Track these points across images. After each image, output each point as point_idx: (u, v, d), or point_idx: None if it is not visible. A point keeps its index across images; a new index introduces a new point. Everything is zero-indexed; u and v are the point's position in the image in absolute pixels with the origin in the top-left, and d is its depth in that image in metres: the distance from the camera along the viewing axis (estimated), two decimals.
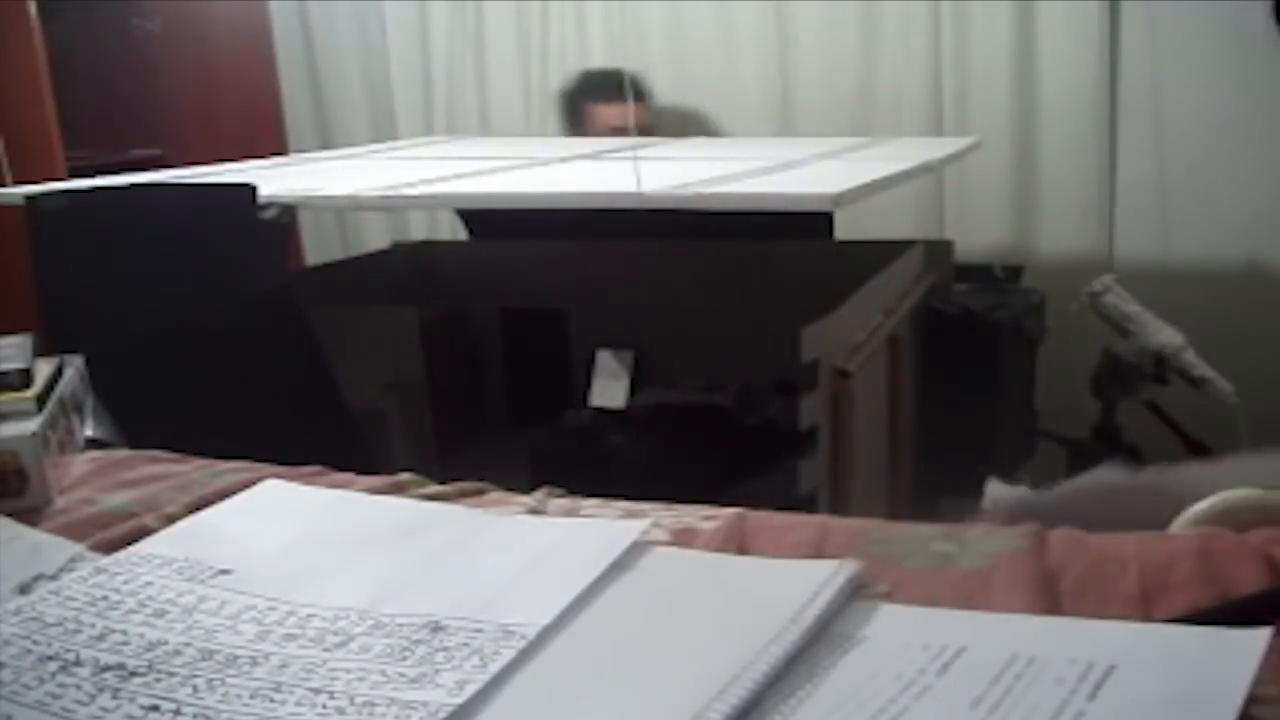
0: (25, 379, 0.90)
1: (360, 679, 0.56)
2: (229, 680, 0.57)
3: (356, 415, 1.56)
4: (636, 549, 0.68)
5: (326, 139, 3.33)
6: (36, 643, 0.61)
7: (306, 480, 0.85)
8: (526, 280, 2.13)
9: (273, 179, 1.77)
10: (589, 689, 0.55)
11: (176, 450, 0.94)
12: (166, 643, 0.61)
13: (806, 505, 1.36)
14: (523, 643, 0.58)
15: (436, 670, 0.56)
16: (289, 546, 0.73)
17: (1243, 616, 0.54)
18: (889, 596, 0.62)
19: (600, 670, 0.57)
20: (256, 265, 1.52)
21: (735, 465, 1.63)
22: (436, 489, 0.84)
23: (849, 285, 1.55)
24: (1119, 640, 0.54)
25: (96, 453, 0.95)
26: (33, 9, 2.91)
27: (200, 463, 0.91)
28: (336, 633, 0.61)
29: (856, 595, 0.61)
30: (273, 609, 0.64)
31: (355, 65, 3.32)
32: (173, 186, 1.72)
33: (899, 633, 0.57)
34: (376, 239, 3.10)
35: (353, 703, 0.54)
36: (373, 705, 0.54)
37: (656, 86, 2.91)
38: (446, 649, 0.58)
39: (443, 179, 1.76)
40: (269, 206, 1.51)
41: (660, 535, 0.72)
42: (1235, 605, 0.57)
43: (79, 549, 0.74)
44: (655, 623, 0.61)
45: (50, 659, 0.59)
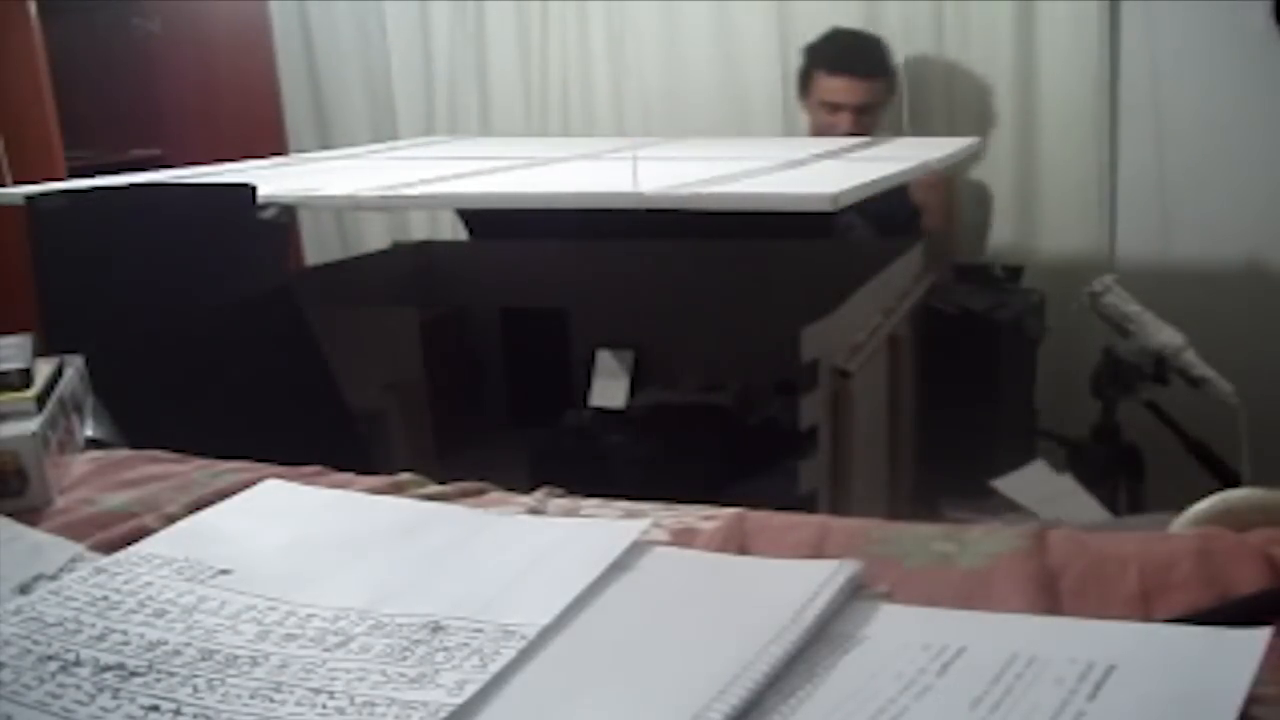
0: (25, 379, 0.90)
1: (360, 679, 0.56)
2: (229, 680, 0.57)
3: (356, 415, 1.56)
4: (636, 549, 0.68)
5: (326, 139, 3.34)
6: (36, 643, 0.61)
7: (306, 480, 0.85)
8: (526, 280, 2.13)
9: (272, 179, 1.77)
10: (589, 689, 0.55)
11: (176, 450, 0.94)
12: (166, 643, 0.61)
13: (806, 505, 1.36)
14: (523, 643, 0.58)
15: (436, 670, 0.56)
16: (289, 546, 0.73)
17: (1243, 616, 0.54)
18: (889, 596, 0.62)
19: (600, 670, 0.57)
20: (256, 265, 1.52)
21: (735, 465, 1.63)
22: (436, 489, 0.84)
23: (849, 285, 1.55)
24: (1119, 640, 0.54)
25: (96, 453, 0.95)
26: (33, 9, 2.91)
27: (200, 463, 0.91)
28: (336, 633, 0.61)
29: (856, 595, 0.61)
30: (273, 609, 0.64)
31: (355, 65, 3.32)
32: (173, 186, 1.72)
33: (899, 633, 0.57)
34: (376, 239, 3.10)
35: (353, 703, 0.54)
36: (373, 705, 0.54)
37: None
38: (446, 649, 0.58)
39: (443, 179, 1.76)
40: (269, 206, 1.51)
41: (660, 535, 0.72)
42: (1235, 605, 0.57)
43: (79, 549, 0.74)
44: (655, 623, 0.61)
45: (50, 659, 0.59)
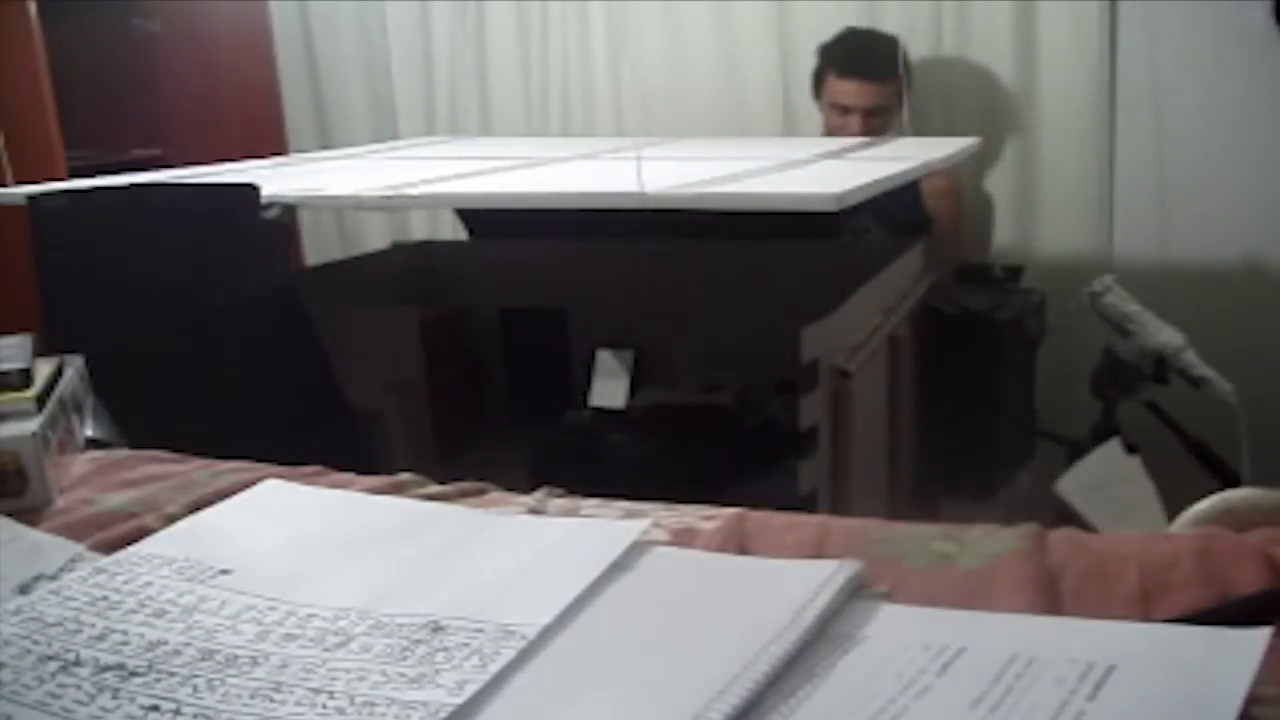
0: (25, 379, 0.90)
1: (360, 679, 0.56)
2: (229, 680, 0.57)
3: (357, 415, 1.56)
4: (636, 549, 0.68)
5: (327, 139, 3.33)
6: (36, 643, 0.61)
7: (306, 480, 0.85)
8: (526, 280, 2.13)
9: (273, 179, 1.77)
10: (589, 689, 0.55)
11: (176, 450, 0.94)
12: (166, 643, 0.61)
13: (806, 505, 1.36)
14: (523, 643, 0.58)
15: (436, 670, 0.56)
16: (289, 546, 0.73)
17: (1243, 616, 0.54)
18: (889, 596, 0.62)
19: (600, 670, 0.57)
20: (258, 265, 1.52)
21: (735, 465, 1.63)
22: (436, 489, 0.84)
23: (849, 285, 1.55)
24: (1119, 640, 0.54)
25: (96, 453, 0.95)
26: (33, 9, 2.91)
27: (200, 463, 0.91)
28: (336, 633, 0.61)
29: (856, 595, 0.61)
30: (273, 609, 0.64)
31: (356, 65, 3.32)
32: (174, 186, 1.72)
33: (899, 633, 0.57)
34: (376, 239, 3.10)
35: (353, 703, 0.54)
36: (373, 705, 0.54)
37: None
38: (446, 649, 0.58)
39: (443, 179, 1.76)
40: (271, 206, 1.51)
41: (660, 535, 0.72)
42: (1235, 605, 0.57)
43: (79, 549, 0.74)
44: (655, 623, 0.61)
45: (50, 659, 0.59)
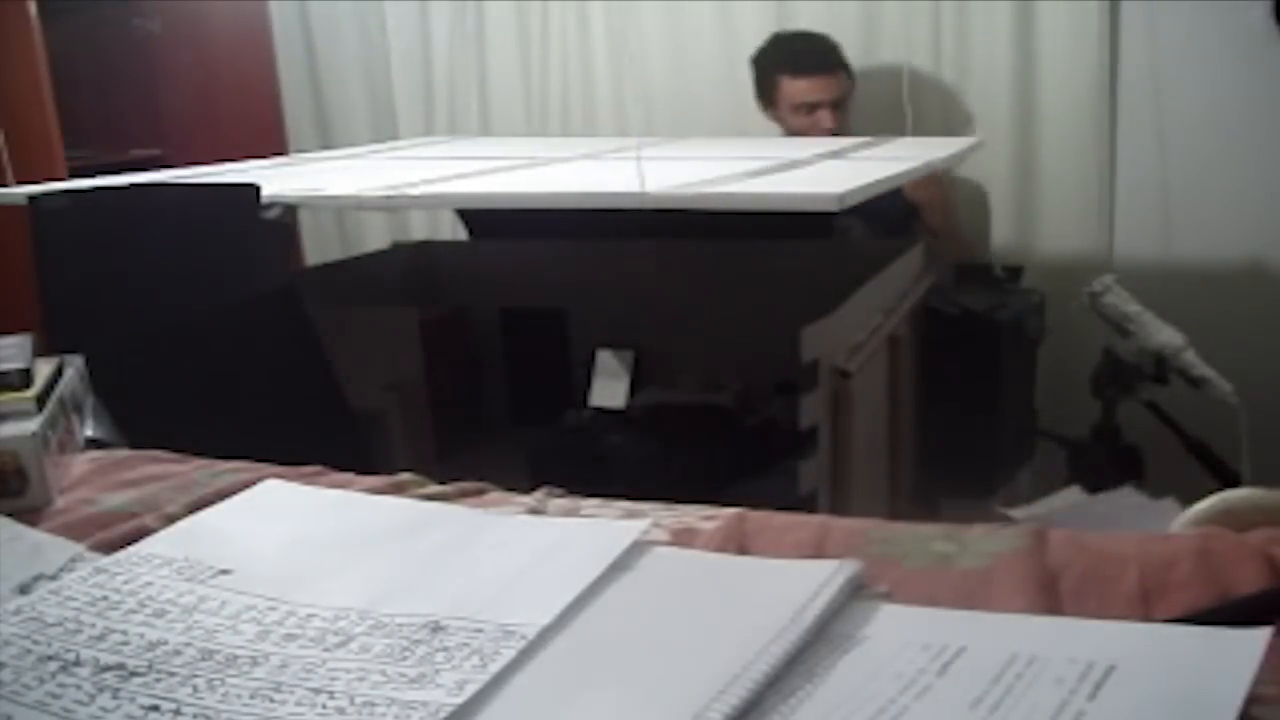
0: (25, 379, 0.90)
1: (360, 679, 0.56)
2: (229, 680, 0.57)
3: (356, 415, 1.56)
4: (636, 549, 0.68)
5: (327, 139, 3.33)
6: (36, 643, 0.61)
7: (306, 480, 0.85)
8: (526, 280, 2.13)
9: (274, 179, 1.77)
10: (589, 689, 0.55)
11: (176, 450, 0.94)
12: (166, 643, 0.61)
13: (806, 505, 1.36)
14: (523, 643, 0.58)
15: (436, 670, 0.56)
16: (289, 546, 0.73)
17: (1243, 616, 0.54)
18: (889, 596, 0.62)
19: (600, 670, 0.57)
20: (260, 266, 1.52)
21: (735, 465, 1.63)
22: (436, 489, 0.84)
23: (849, 285, 1.55)
24: (1119, 640, 0.54)
25: (96, 453, 0.95)
26: (33, 9, 2.92)
27: (200, 463, 0.91)
28: (336, 633, 0.61)
29: (856, 595, 0.61)
30: (273, 609, 0.64)
31: (355, 65, 3.32)
32: (174, 186, 1.72)
33: (899, 633, 0.57)
34: (376, 239, 3.10)
35: (353, 703, 0.54)
36: (373, 705, 0.54)
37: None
38: (446, 649, 0.58)
39: (443, 179, 1.76)
40: (272, 206, 1.51)
41: (660, 535, 0.72)
42: (1235, 605, 0.57)
43: (79, 549, 0.74)
44: (655, 623, 0.61)
45: (50, 659, 0.59)
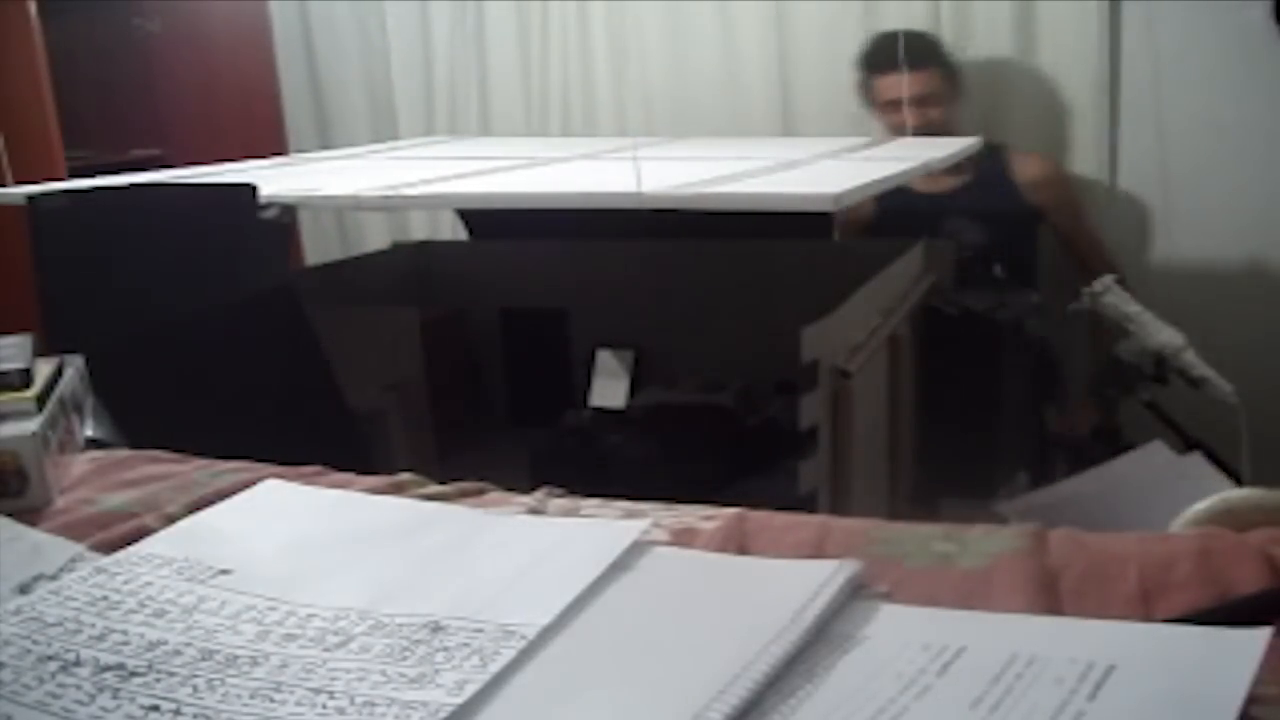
0: (25, 379, 0.90)
1: (360, 679, 0.56)
2: (229, 680, 0.57)
3: (356, 415, 1.56)
4: (636, 549, 0.68)
5: (326, 139, 3.33)
6: (36, 643, 0.61)
7: (306, 480, 0.85)
8: (526, 280, 2.13)
9: (273, 179, 1.77)
10: (589, 689, 0.55)
11: (176, 450, 0.94)
12: (166, 643, 0.61)
13: (806, 505, 1.35)
14: (523, 643, 0.58)
15: (436, 670, 0.56)
16: (289, 546, 0.73)
17: (1243, 616, 0.54)
18: (889, 596, 0.62)
19: (600, 670, 0.57)
20: (257, 265, 1.52)
21: (735, 465, 1.63)
22: (436, 489, 0.84)
23: (849, 285, 1.55)
24: (1119, 640, 0.54)
25: (96, 453, 0.95)
26: (33, 9, 2.92)
27: (200, 463, 0.91)
28: (336, 633, 0.61)
29: (856, 595, 0.61)
30: (273, 609, 0.64)
31: (355, 65, 3.32)
32: (173, 186, 1.72)
33: (899, 633, 0.57)
34: (376, 239, 3.10)
35: (353, 703, 0.54)
36: (373, 705, 0.54)
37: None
38: (446, 649, 0.58)
39: (443, 179, 1.76)
40: (270, 206, 1.51)
41: (660, 535, 0.72)
42: (1235, 605, 0.57)
43: (79, 549, 0.74)
44: (655, 623, 0.61)
45: (50, 659, 0.59)
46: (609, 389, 1.87)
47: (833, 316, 1.43)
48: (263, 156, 2.18)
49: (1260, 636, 0.51)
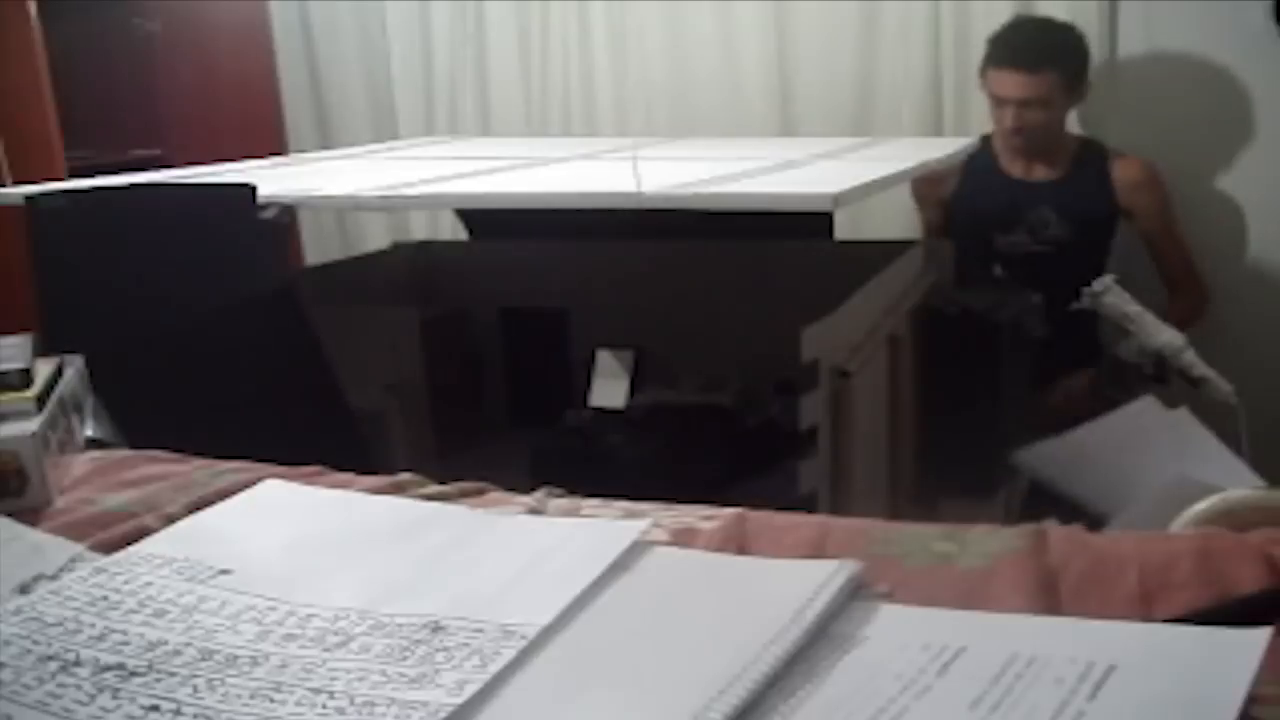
0: (25, 379, 0.90)
1: (360, 679, 0.56)
2: (229, 680, 0.57)
3: (356, 415, 1.56)
4: (636, 549, 0.68)
5: (326, 139, 3.34)
6: (36, 643, 0.61)
7: (306, 480, 0.85)
8: (526, 280, 2.13)
9: (272, 179, 1.77)
10: (589, 689, 0.55)
11: (176, 450, 0.94)
12: (166, 643, 0.61)
13: (806, 505, 1.35)
14: (523, 643, 0.58)
15: (436, 670, 0.56)
16: (289, 546, 0.73)
17: (1243, 616, 0.54)
18: (889, 596, 0.62)
19: (600, 670, 0.57)
20: (256, 265, 1.52)
21: (735, 465, 1.63)
22: (436, 489, 0.84)
23: (849, 285, 1.55)
24: (1119, 640, 0.54)
25: (96, 453, 0.95)
26: (33, 9, 2.91)
27: (200, 463, 0.91)
28: (336, 633, 0.61)
29: (856, 595, 0.61)
30: (273, 609, 0.64)
31: (355, 65, 3.32)
32: (172, 186, 1.72)
33: (899, 633, 0.57)
34: (376, 239, 3.10)
35: (353, 703, 0.54)
36: (373, 705, 0.54)
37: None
38: (446, 649, 0.58)
39: (443, 179, 1.76)
40: (269, 206, 1.51)
41: (660, 535, 0.72)
42: (1235, 605, 0.57)
43: (79, 549, 0.74)
44: (655, 623, 0.61)
45: (50, 659, 0.59)
46: (609, 389, 1.87)
47: (833, 316, 1.43)
48: (262, 156, 2.18)
49: (1260, 636, 0.51)
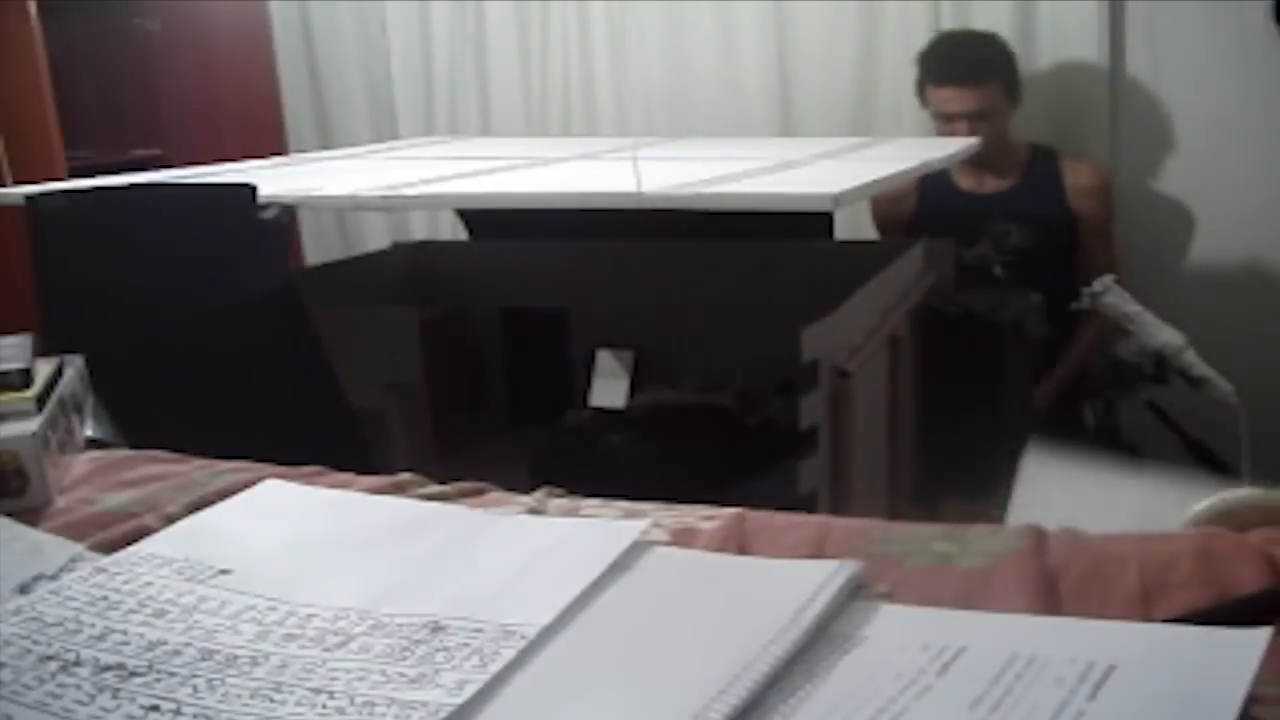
0: (25, 379, 0.90)
1: (360, 679, 0.56)
2: (229, 680, 0.57)
3: (357, 415, 1.56)
4: (636, 549, 0.68)
5: (326, 139, 3.33)
6: (36, 643, 0.61)
7: (306, 480, 0.85)
8: (526, 280, 2.13)
9: (273, 179, 1.77)
10: (589, 689, 0.55)
11: (176, 450, 0.94)
12: (166, 643, 0.61)
13: (806, 505, 1.36)
14: (523, 643, 0.58)
15: (436, 670, 0.56)
16: (289, 546, 0.73)
17: (1243, 616, 0.54)
18: (889, 596, 0.62)
19: (600, 670, 0.57)
20: (256, 265, 1.52)
21: (735, 465, 1.63)
22: (436, 489, 0.84)
23: (849, 285, 1.55)
24: (1119, 640, 0.54)
25: (96, 453, 0.95)
26: (33, 9, 2.91)
27: (200, 463, 0.91)
28: (336, 633, 0.61)
29: (856, 595, 0.61)
30: (273, 609, 0.64)
31: (355, 65, 3.32)
32: (173, 187, 1.72)
33: (899, 633, 0.57)
34: (376, 239, 3.10)
35: (353, 703, 0.54)
36: (373, 705, 0.54)
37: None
38: (446, 649, 0.58)
39: (443, 179, 1.76)
40: (269, 206, 1.51)
41: (660, 535, 0.72)
42: (1235, 605, 0.57)
43: (79, 549, 0.74)
44: (655, 623, 0.61)
45: (50, 659, 0.59)
46: (609, 389, 1.87)
47: (833, 316, 1.44)
48: (262, 156, 2.18)
49: (1260, 636, 0.51)
